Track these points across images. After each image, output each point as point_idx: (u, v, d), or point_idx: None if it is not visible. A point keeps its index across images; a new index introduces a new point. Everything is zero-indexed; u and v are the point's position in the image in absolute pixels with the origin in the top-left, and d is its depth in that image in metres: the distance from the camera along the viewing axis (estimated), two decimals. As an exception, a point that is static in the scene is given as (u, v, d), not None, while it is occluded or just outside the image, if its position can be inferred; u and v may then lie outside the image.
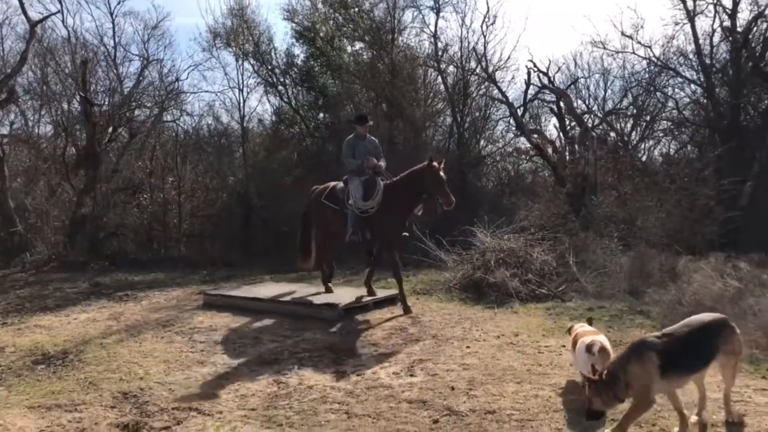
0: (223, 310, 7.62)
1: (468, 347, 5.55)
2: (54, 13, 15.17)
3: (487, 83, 14.52)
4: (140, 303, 8.59)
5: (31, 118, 18.01)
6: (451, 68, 14.82)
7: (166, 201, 13.93)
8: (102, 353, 5.90)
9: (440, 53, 14.56)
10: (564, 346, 5.46)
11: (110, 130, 14.82)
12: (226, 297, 8.13)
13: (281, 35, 27.54)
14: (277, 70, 15.70)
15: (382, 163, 7.52)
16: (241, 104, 15.54)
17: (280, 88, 15.69)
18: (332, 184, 7.86)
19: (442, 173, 6.90)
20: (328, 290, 7.92)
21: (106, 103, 15.42)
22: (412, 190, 7.05)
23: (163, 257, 12.86)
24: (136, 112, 15.96)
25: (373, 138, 7.87)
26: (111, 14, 15.90)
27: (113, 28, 15.97)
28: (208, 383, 4.95)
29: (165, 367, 5.43)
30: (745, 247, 8.80)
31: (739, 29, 12.92)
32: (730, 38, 13.10)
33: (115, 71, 16.04)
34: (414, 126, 14.07)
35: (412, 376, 4.85)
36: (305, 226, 8.24)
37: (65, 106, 16.56)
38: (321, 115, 15.87)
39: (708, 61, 13.69)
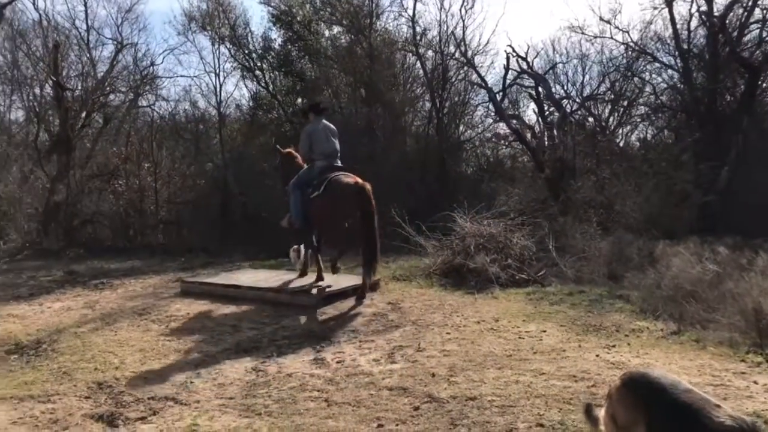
0: (200, 298, 7.50)
1: (448, 333, 5.52)
2: (23, -5, 14.77)
3: (466, 68, 14.47)
4: (116, 291, 8.44)
5: (2, 104, 17.61)
6: (429, 53, 14.75)
7: (142, 187, 13.68)
8: (76, 342, 5.78)
9: (418, 38, 14.46)
10: (545, 331, 5.47)
11: (83, 115, 14.50)
12: (203, 284, 8.01)
13: (258, 19, 27.23)
14: (254, 55, 15.47)
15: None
16: (218, 89, 15.30)
17: (257, 72, 15.47)
18: None
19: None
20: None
21: (79, 87, 15.09)
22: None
23: (140, 244, 12.65)
24: (110, 96, 15.63)
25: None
26: (83, -4, 15.50)
27: (85, 11, 15.56)
28: (185, 372, 4.86)
29: (141, 356, 5.32)
30: (723, 231, 8.90)
31: (716, 14, 12.99)
32: (707, 23, 13.16)
33: (88, 55, 15.67)
34: (393, 111, 13.98)
35: (392, 363, 4.80)
36: None
37: (37, 90, 16.20)
38: (299, 100, 15.69)
39: (685, 46, 13.77)
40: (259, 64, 15.46)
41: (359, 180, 7.14)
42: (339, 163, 7.58)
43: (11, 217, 13.56)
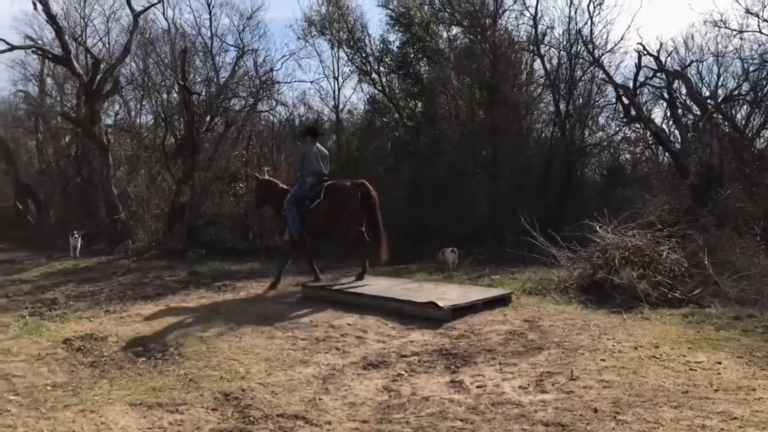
0: (322, 304, 7.27)
1: (603, 360, 4.82)
2: (155, 4, 15.48)
3: (593, 68, 13.52)
4: (238, 294, 8.41)
5: (133, 108, 18.64)
6: (552, 51, 13.91)
7: (262, 190, 13.81)
8: (202, 348, 5.66)
9: (541, 37, 13.67)
10: (719, 362, 4.68)
11: (207, 119, 14.93)
12: (326, 290, 7.79)
13: (376, 22, 27.51)
14: (371, 58, 15.32)
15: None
16: (336, 93, 15.28)
17: (374, 76, 15.29)
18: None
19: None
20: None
21: (203, 92, 15.56)
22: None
23: (259, 247, 12.73)
24: (232, 101, 16.04)
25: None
26: (208, 5, 16.00)
27: (210, 18, 16.09)
28: (313, 387, 4.56)
29: (266, 365, 5.10)
30: None
31: None
32: None
33: (211, 61, 16.17)
34: (516, 114, 13.29)
35: (542, 392, 4.21)
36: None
37: (165, 96, 16.95)
38: (414, 103, 15.32)
39: None
40: (376, 67, 15.27)
41: (355, 181, 8.10)
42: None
43: (140, 217, 14.13)
